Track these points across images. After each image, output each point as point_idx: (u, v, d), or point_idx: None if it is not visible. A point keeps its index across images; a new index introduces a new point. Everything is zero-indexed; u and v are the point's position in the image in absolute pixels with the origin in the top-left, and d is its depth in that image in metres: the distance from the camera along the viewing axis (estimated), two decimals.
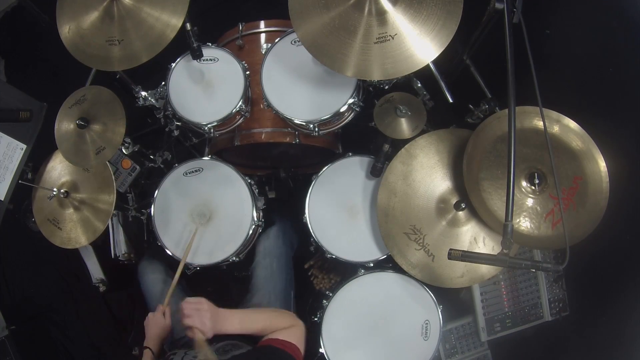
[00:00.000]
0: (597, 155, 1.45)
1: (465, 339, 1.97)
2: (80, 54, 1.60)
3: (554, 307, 1.97)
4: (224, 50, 1.84)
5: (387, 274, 1.77)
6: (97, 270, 2.23)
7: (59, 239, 1.83)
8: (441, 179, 1.65)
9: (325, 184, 1.88)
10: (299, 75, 1.76)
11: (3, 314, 2.28)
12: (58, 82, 2.77)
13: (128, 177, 2.06)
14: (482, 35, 1.61)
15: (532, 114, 1.48)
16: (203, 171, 1.91)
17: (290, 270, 1.91)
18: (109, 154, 1.64)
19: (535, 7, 1.50)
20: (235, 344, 1.49)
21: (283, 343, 1.31)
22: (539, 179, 1.42)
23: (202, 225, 1.85)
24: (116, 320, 2.62)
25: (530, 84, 1.28)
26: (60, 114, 1.72)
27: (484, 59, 1.83)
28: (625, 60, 1.63)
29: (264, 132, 1.92)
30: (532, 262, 1.15)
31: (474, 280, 1.63)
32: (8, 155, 1.91)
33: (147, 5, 1.57)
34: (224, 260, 1.82)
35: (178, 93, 1.83)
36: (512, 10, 1.34)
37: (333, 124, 1.84)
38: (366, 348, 1.74)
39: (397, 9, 1.40)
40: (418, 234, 1.62)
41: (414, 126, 1.75)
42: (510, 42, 1.25)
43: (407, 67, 1.38)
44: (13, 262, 2.71)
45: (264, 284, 1.82)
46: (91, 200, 1.81)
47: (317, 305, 1.84)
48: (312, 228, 1.83)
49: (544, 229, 1.43)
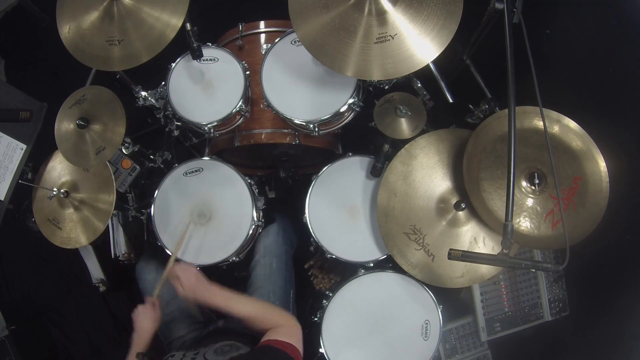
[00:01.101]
0: (597, 155, 1.45)
1: (465, 339, 1.97)
2: (80, 54, 1.60)
3: (554, 307, 1.97)
4: (224, 50, 1.84)
5: (387, 274, 1.77)
6: (97, 270, 2.23)
7: (59, 239, 1.83)
8: (441, 179, 1.65)
9: (325, 184, 1.88)
10: (299, 75, 1.76)
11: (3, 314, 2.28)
12: (58, 82, 2.78)
13: (128, 177, 2.06)
14: (482, 35, 1.61)
15: (532, 114, 1.48)
16: (203, 171, 1.91)
17: (290, 269, 1.91)
18: (109, 154, 1.64)
19: (535, 7, 1.50)
20: (233, 344, 1.49)
21: (283, 344, 1.30)
22: (539, 179, 1.42)
23: (201, 225, 1.85)
24: (116, 320, 2.62)
25: (530, 84, 1.28)
26: (60, 114, 1.72)
27: (484, 59, 1.83)
28: (625, 60, 1.63)
29: (264, 132, 1.92)
30: (532, 262, 1.15)
31: (474, 280, 1.63)
32: (8, 155, 1.91)
33: (147, 5, 1.57)
34: (224, 260, 1.82)
35: (178, 93, 1.83)
36: (512, 10, 1.34)
37: (333, 124, 1.84)
38: (366, 348, 1.74)
39: (397, 9, 1.40)
40: (418, 234, 1.62)
41: (414, 126, 1.75)
42: (510, 42, 1.25)
43: (407, 67, 1.38)
44: (13, 262, 2.71)
45: (263, 282, 1.82)
46: (91, 200, 1.81)
47: (317, 305, 1.84)
48: (312, 228, 1.83)
49: (544, 229, 1.43)
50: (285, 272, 1.88)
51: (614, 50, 1.67)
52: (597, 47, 1.72)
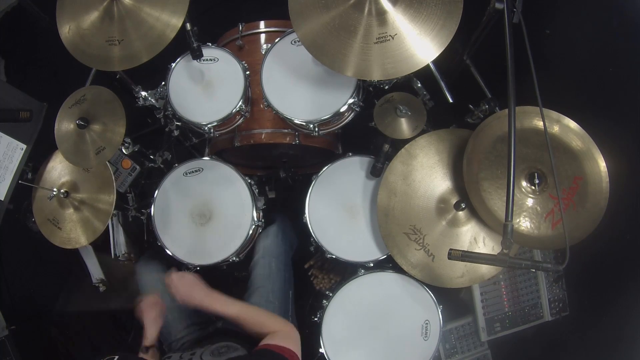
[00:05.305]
0: (597, 155, 1.45)
1: (465, 339, 1.97)
2: (80, 54, 1.60)
3: (554, 307, 1.97)
4: (224, 50, 1.84)
5: (387, 274, 1.77)
6: (97, 270, 2.23)
7: (59, 239, 1.83)
8: (441, 179, 1.65)
9: (325, 184, 1.88)
10: (299, 75, 1.76)
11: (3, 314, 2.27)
12: (58, 82, 2.77)
13: (128, 177, 2.06)
14: (482, 35, 1.61)
15: (532, 114, 1.48)
16: (203, 171, 1.91)
17: (289, 270, 1.91)
18: (109, 154, 1.64)
19: (535, 7, 1.50)
20: (230, 345, 1.49)
21: (281, 348, 1.30)
22: (539, 179, 1.42)
23: (201, 225, 1.85)
24: (116, 320, 2.62)
25: (530, 84, 1.28)
26: (60, 114, 1.72)
27: (484, 59, 1.83)
28: (625, 60, 1.63)
29: (264, 132, 1.92)
30: (532, 262, 1.15)
31: (474, 280, 1.63)
32: (8, 155, 1.91)
33: (147, 5, 1.57)
34: (224, 260, 1.82)
35: (178, 93, 1.83)
36: (512, 10, 1.34)
37: (333, 124, 1.84)
38: (366, 348, 1.74)
39: (397, 9, 1.40)
40: (418, 234, 1.62)
41: (414, 126, 1.75)
42: (510, 42, 1.25)
43: (407, 67, 1.38)
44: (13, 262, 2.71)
45: (262, 282, 1.82)
46: (91, 200, 1.81)
47: (317, 305, 1.84)
48: (312, 228, 1.83)
49: (544, 229, 1.43)
50: (285, 272, 1.88)
51: (614, 50, 1.66)
52: (597, 47, 1.72)
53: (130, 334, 2.52)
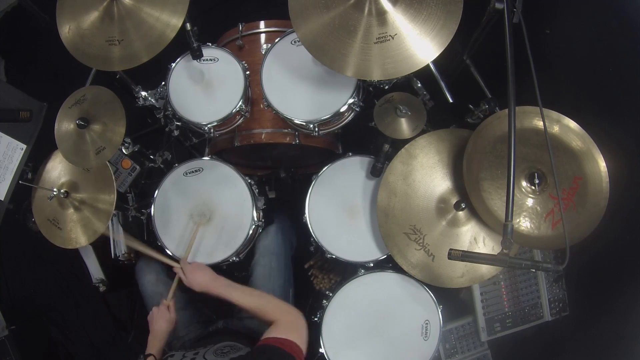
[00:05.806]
0: (597, 155, 1.45)
1: (465, 339, 1.97)
2: (80, 54, 1.60)
3: (554, 307, 1.97)
4: (224, 50, 1.84)
5: (387, 274, 1.77)
6: (97, 270, 2.23)
7: (59, 239, 1.83)
8: (441, 179, 1.65)
9: (325, 184, 1.88)
10: (299, 75, 1.76)
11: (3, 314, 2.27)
12: (58, 82, 2.78)
13: (128, 177, 2.06)
14: (482, 35, 1.61)
15: (532, 114, 1.48)
16: (203, 171, 1.91)
17: (289, 270, 1.91)
18: (109, 154, 1.64)
19: (535, 7, 1.50)
20: (233, 345, 1.49)
21: (283, 342, 1.28)
22: (539, 179, 1.42)
23: (202, 225, 1.85)
24: (116, 320, 2.62)
25: (530, 84, 1.28)
26: (60, 114, 1.72)
27: (484, 59, 1.83)
28: (625, 60, 1.63)
29: (264, 132, 1.92)
30: (532, 262, 1.15)
31: (474, 280, 1.63)
32: (8, 155, 1.91)
33: (147, 5, 1.57)
34: (224, 260, 1.82)
35: (178, 93, 1.83)
36: (512, 10, 1.34)
37: (333, 124, 1.84)
38: (366, 348, 1.73)
39: (397, 9, 1.40)
40: (418, 234, 1.62)
41: (414, 126, 1.75)
42: (510, 42, 1.25)
43: (407, 67, 1.38)
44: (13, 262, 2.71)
45: (262, 282, 1.82)
46: (91, 200, 1.81)
47: (317, 305, 1.84)
48: (312, 228, 1.83)
49: (544, 229, 1.43)
50: (285, 272, 1.88)
51: (614, 50, 1.66)
52: (597, 47, 1.72)
53: (131, 334, 2.52)
